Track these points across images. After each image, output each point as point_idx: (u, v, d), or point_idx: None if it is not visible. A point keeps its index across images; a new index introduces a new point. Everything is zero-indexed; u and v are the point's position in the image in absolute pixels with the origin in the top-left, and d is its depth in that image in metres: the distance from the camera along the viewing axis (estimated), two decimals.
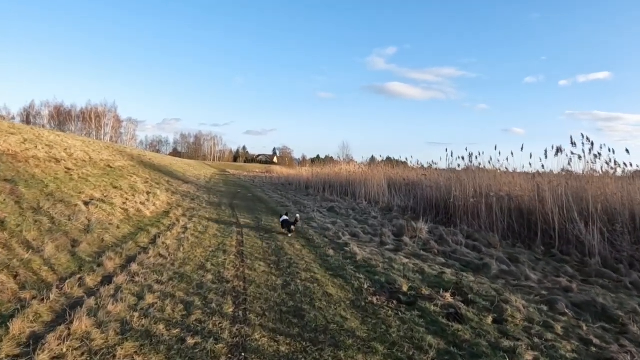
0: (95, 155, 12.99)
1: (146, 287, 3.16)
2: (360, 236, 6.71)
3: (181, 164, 31.79)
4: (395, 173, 16.20)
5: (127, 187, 8.93)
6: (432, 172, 13.29)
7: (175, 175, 18.08)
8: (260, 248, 5.03)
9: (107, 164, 12.10)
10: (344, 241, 6.02)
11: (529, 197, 8.70)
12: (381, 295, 3.59)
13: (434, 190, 11.37)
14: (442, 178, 11.59)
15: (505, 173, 9.95)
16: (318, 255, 4.91)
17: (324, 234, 6.63)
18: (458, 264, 5.52)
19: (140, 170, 13.76)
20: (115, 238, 4.78)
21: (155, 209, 7.46)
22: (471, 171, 10.58)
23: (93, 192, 7.00)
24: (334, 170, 20.31)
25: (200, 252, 4.48)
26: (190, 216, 7.38)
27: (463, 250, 6.41)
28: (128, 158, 16.58)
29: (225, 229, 6.26)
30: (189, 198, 10.56)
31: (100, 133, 59.30)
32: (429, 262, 5.39)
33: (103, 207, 5.98)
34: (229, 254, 4.54)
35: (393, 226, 8.06)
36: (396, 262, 4.91)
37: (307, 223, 7.76)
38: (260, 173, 42.92)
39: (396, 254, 5.52)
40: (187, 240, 5.03)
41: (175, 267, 3.79)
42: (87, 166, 9.99)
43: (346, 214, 10.10)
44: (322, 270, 4.20)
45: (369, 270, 4.35)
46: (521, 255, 6.65)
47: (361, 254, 5.11)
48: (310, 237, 6.16)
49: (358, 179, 16.45)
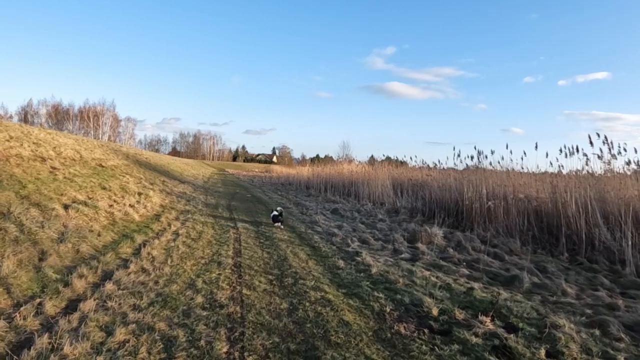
0: (87, 154, 12.34)
1: (119, 317, 2.53)
2: (371, 243, 6.08)
3: (179, 163, 31.12)
4: (399, 173, 15.61)
5: (117, 188, 8.30)
6: (437, 172, 12.73)
7: (171, 174, 17.43)
8: (260, 259, 4.40)
9: (99, 163, 11.46)
10: (354, 249, 5.39)
11: (548, 199, 8.09)
12: (408, 321, 2.97)
13: (443, 192, 10.75)
14: (450, 178, 11.00)
15: (519, 174, 9.38)
16: (327, 268, 4.29)
17: (330, 240, 6.00)
18: (485, 277, 4.90)
19: (134, 170, 13.12)
20: (94, 248, 4.14)
21: (145, 212, 6.82)
22: (482, 171, 9.99)
23: (76, 194, 6.36)
24: (336, 169, 19.69)
25: (191, 265, 3.85)
26: (184, 220, 6.74)
27: (485, 258, 5.79)
28: (123, 157, 15.94)
29: (222, 235, 5.63)
30: (184, 199, 9.92)
31: (99, 132, 58.60)
32: (451, 274, 4.77)
33: (85, 211, 5.35)
34: (224, 267, 3.91)
35: (404, 230, 7.43)
36: (416, 276, 4.28)
37: (311, 227, 7.13)
38: (260, 172, 42.28)
39: (414, 265, 4.90)
40: (177, 250, 4.40)
41: (159, 287, 3.15)
42: (75, 165, 9.35)
43: (351, 216, 9.47)
44: (333, 287, 3.58)
45: (388, 287, 3.72)
46: (548, 264, 6.03)
47: (375, 265, 4.49)
48: (316, 245, 5.54)
49: (361, 179, 15.84)
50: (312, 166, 24.00)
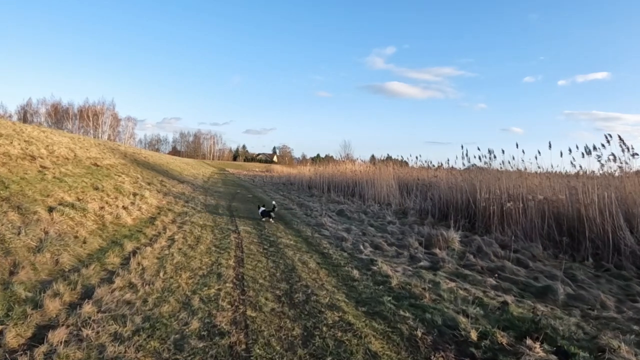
0: (82, 152, 11.85)
1: (95, 351, 2.03)
2: (384, 248, 5.58)
3: (179, 162, 30.62)
4: (404, 173, 15.14)
5: (111, 189, 7.80)
6: (444, 172, 12.28)
7: (170, 174, 16.93)
8: (265, 269, 3.91)
9: (94, 162, 10.97)
10: (368, 256, 4.90)
11: (567, 200, 7.60)
12: (445, 349, 2.47)
13: (454, 192, 10.24)
14: (459, 179, 10.53)
15: (534, 174, 8.90)
16: (340, 279, 3.79)
17: (340, 245, 5.51)
18: (514, 287, 4.40)
19: (131, 169, 12.63)
20: (77, 258, 3.65)
21: (139, 215, 6.32)
22: (494, 172, 9.51)
23: (65, 195, 5.86)
24: (338, 169, 19.19)
25: (187, 279, 3.35)
26: (181, 223, 6.24)
27: (510, 266, 5.30)
28: (120, 156, 15.45)
29: (222, 241, 5.13)
30: (182, 200, 9.42)
31: (98, 131, 58.16)
32: (478, 285, 4.27)
33: (71, 215, 4.85)
34: (224, 280, 3.41)
35: (418, 234, 6.94)
36: (442, 288, 3.79)
37: (317, 231, 6.64)
38: (260, 172, 41.82)
39: (436, 274, 4.41)
40: (172, 260, 3.90)
41: (148, 308, 2.66)
42: (67, 164, 8.85)
43: (359, 218, 8.98)
44: (351, 304, 3.08)
45: (413, 303, 3.23)
46: (576, 271, 5.54)
47: (395, 276, 4.00)
48: (325, 251, 5.04)
49: (365, 179, 15.35)
50: (314, 166, 23.50)
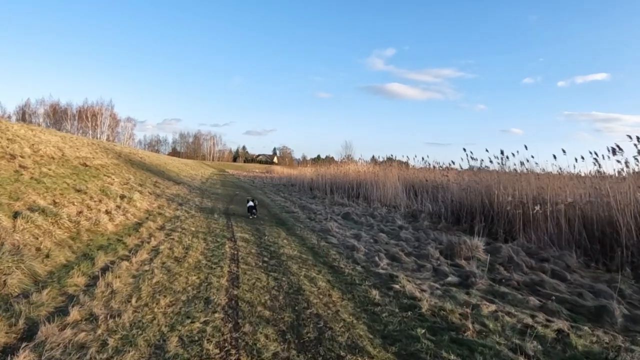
0: (71, 152, 11.15)
1: None
2: (402, 260, 4.87)
3: (177, 163, 29.92)
4: (410, 174, 14.46)
5: (96, 191, 7.10)
6: (452, 173, 11.64)
7: (166, 175, 16.23)
8: (265, 290, 3.19)
9: (83, 162, 10.27)
10: (385, 270, 4.19)
11: (596, 204, 6.89)
12: None
13: (469, 194, 9.53)
14: (472, 180, 9.84)
15: (555, 176, 8.22)
16: (358, 303, 3.08)
17: (351, 256, 4.79)
18: (562, 308, 3.69)
19: (123, 170, 11.93)
20: (32, 278, 2.94)
21: (123, 220, 5.62)
22: (512, 173, 8.82)
23: (38, 198, 5.16)
24: (341, 170, 18.48)
25: (166, 306, 2.64)
26: (171, 229, 5.53)
27: (549, 280, 4.58)
28: (113, 156, 14.75)
29: (215, 252, 4.42)
30: (175, 203, 8.71)
31: (97, 132, 57.55)
32: (521, 306, 3.55)
33: (38, 221, 4.14)
34: (214, 307, 2.70)
35: (435, 241, 6.22)
36: (483, 313, 3.07)
37: (324, 238, 5.92)
38: (260, 173, 41.15)
39: (469, 293, 3.69)
40: (151, 279, 3.19)
41: (105, 356, 1.95)
42: (51, 164, 8.15)
43: (367, 222, 8.27)
44: (377, 342, 2.37)
45: (454, 337, 2.51)
46: (621, 284, 4.82)
47: (423, 297, 3.29)
48: (335, 264, 4.32)
49: (369, 180, 14.66)
50: (315, 166, 22.81)
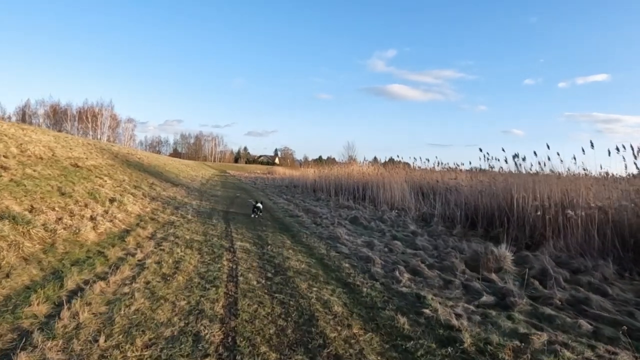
0: (63, 152, 10.60)
1: None
2: (425, 274, 4.25)
3: (177, 164, 29.39)
4: (418, 175, 13.85)
5: (83, 194, 6.52)
6: (463, 175, 11.06)
7: (164, 176, 15.66)
8: (270, 321, 2.58)
9: (74, 162, 9.71)
10: (409, 288, 3.58)
11: (630, 208, 6.27)
12: None
13: (483, 197, 8.90)
14: (485, 182, 9.25)
15: (578, 177, 7.59)
16: (385, 335, 2.48)
17: (367, 270, 4.19)
18: (621, 336, 3.07)
19: (118, 171, 11.36)
20: None
21: (109, 228, 5.03)
22: (530, 174, 8.21)
23: (12, 203, 4.59)
24: (345, 171, 17.86)
25: (143, 347, 2.04)
26: (162, 238, 4.94)
27: (595, 297, 3.96)
28: (109, 156, 14.20)
29: (210, 267, 3.82)
30: (171, 206, 8.13)
31: (97, 133, 57.18)
32: (572, 332, 2.94)
33: (5, 232, 3.56)
34: (204, 349, 2.10)
35: (456, 250, 5.61)
36: (538, 347, 2.47)
37: (333, 247, 5.32)
38: (262, 174, 40.62)
39: (511, 317, 3.08)
40: (129, 305, 2.58)
41: None
42: (38, 165, 7.59)
43: (377, 228, 7.66)
44: None
45: None
46: None
47: (461, 326, 2.68)
48: (350, 280, 3.72)
49: (375, 182, 14.05)
50: (318, 167, 22.22)
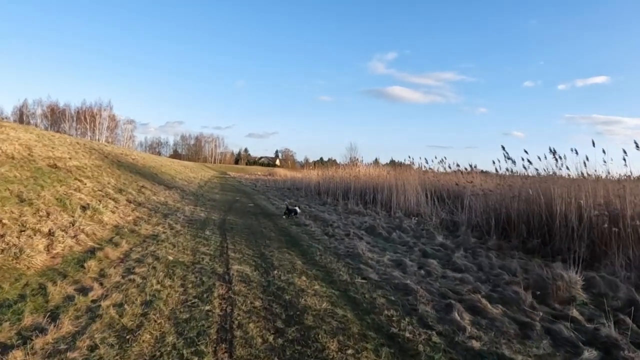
0: (43, 151, 9.49)
1: None
2: (488, 312, 3.12)
3: (176, 165, 28.28)
4: (431, 177, 12.73)
5: (49, 201, 5.41)
6: (478, 177, 10.04)
7: (158, 179, 14.54)
8: None
9: (54, 163, 8.61)
10: (479, 340, 2.46)
11: None
12: None
13: (516, 203, 7.75)
14: (515, 186, 8.16)
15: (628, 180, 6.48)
16: None
17: (412, 308, 3.07)
18: None
19: (104, 173, 10.25)
20: None
21: (71, 246, 3.91)
22: (572, 178, 7.09)
23: None
24: (351, 173, 16.69)
25: None
26: (137, 261, 3.83)
27: None
28: (98, 157, 13.09)
29: (194, 312, 2.70)
30: (159, 213, 7.02)
31: (96, 133, 56.22)
32: None
33: None
34: None
35: (502, 269, 4.47)
36: None
37: (356, 270, 4.19)
38: (263, 176, 39.53)
39: None
40: None
41: None
42: (5, 165, 6.51)
43: (399, 239, 6.53)
44: None
45: None
46: None
47: None
48: (395, 330, 2.59)
49: (386, 185, 12.92)
50: (321, 169, 21.10)
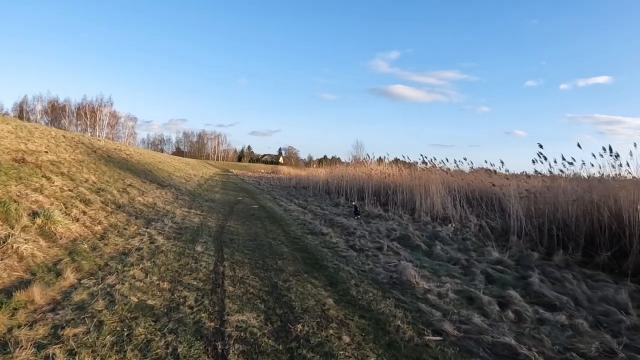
0: (13, 144, 8.11)
1: None
2: None
3: (176, 162, 26.94)
4: (457, 178, 11.26)
5: None
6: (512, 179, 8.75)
7: (152, 176, 13.16)
8: None
9: (22, 157, 7.22)
10: None
11: None
12: None
13: (577, 208, 6.26)
14: (569, 189, 6.78)
15: None
16: None
17: None
18: None
19: (85, 170, 8.85)
20: None
21: None
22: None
23: None
24: (364, 171, 15.21)
25: None
26: (77, 309, 2.40)
27: None
28: (84, 151, 11.70)
29: None
30: (142, 220, 5.62)
31: (96, 130, 55.12)
32: None
33: None
34: None
35: (606, 302, 3.03)
36: None
37: (416, 314, 2.76)
38: (266, 174, 38.19)
39: None
40: None
41: None
42: None
43: (445, 254, 5.09)
44: None
45: None
46: None
47: None
48: None
49: (407, 185, 11.48)
50: (329, 167, 19.69)
